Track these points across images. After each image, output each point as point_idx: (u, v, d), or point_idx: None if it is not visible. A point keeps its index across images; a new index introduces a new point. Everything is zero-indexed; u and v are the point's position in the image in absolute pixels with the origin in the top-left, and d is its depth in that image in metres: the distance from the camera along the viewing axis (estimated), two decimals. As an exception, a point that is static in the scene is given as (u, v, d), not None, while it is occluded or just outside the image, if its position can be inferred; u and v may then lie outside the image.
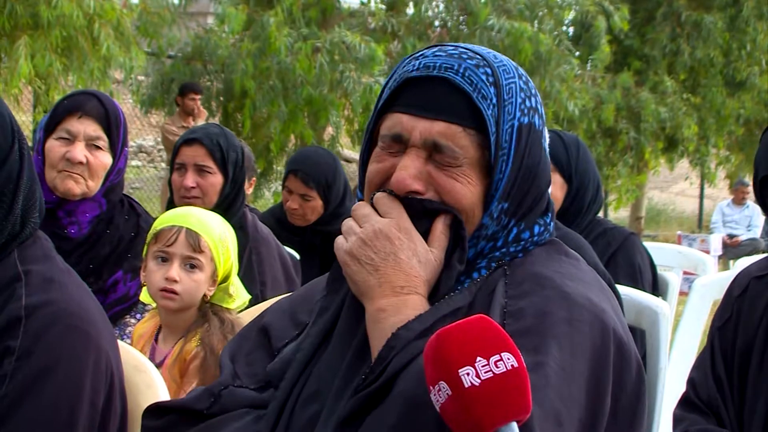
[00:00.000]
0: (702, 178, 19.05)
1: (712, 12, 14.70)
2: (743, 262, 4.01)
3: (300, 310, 1.90)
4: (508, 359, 1.37)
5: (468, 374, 1.35)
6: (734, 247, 13.58)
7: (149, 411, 1.83)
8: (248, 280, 3.33)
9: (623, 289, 2.97)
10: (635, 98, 14.23)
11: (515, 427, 1.36)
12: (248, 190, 4.06)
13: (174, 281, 2.80)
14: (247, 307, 2.98)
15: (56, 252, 2.06)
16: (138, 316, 3.20)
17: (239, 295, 2.96)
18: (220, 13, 11.06)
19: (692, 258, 4.82)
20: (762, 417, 2.48)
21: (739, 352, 2.58)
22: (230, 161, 3.68)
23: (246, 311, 2.94)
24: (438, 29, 12.52)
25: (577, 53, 13.60)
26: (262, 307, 2.68)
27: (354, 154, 14.69)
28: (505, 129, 1.69)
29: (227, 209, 3.59)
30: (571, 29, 14.31)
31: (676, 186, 24.41)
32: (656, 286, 3.92)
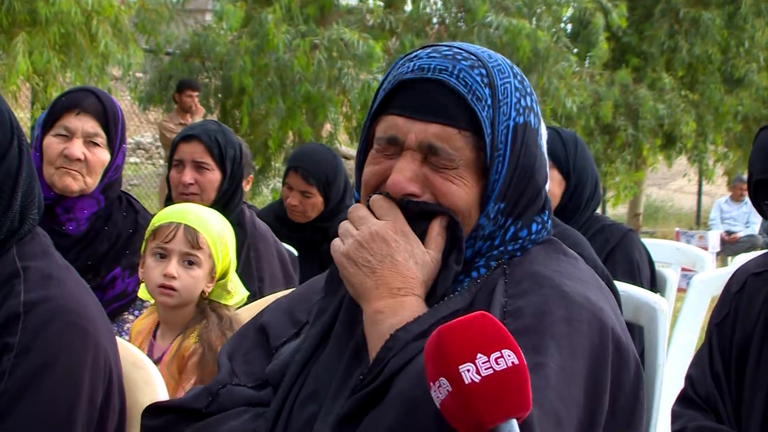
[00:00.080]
0: (700, 175, 19.05)
1: (711, 9, 14.68)
2: (741, 259, 4.02)
3: (298, 309, 1.90)
4: (509, 356, 1.37)
5: (468, 371, 1.35)
6: (732, 244, 13.57)
7: (148, 410, 1.83)
8: (246, 277, 3.33)
9: (621, 286, 2.97)
10: (633, 95, 14.21)
11: (515, 424, 1.36)
12: (245, 187, 4.05)
13: (172, 278, 2.80)
14: (245, 304, 2.98)
15: (55, 248, 2.06)
16: (136, 313, 3.20)
17: (237, 292, 2.96)
18: (219, 10, 11.05)
19: (690, 254, 4.82)
20: (760, 413, 2.48)
21: (737, 349, 2.58)
22: (228, 158, 3.68)
23: (244, 308, 2.94)
24: (436, 26, 12.51)
25: (575, 50, 13.58)
26: (261, 304, 2.68)
27: (352, 151, 14.68)
28: (501, 130, 1.69)
29: (225, 206, 3.59)
30: (569, 26, 14.28)
31: (674, 183, 24.42)
32: (654, 283, 3.92)
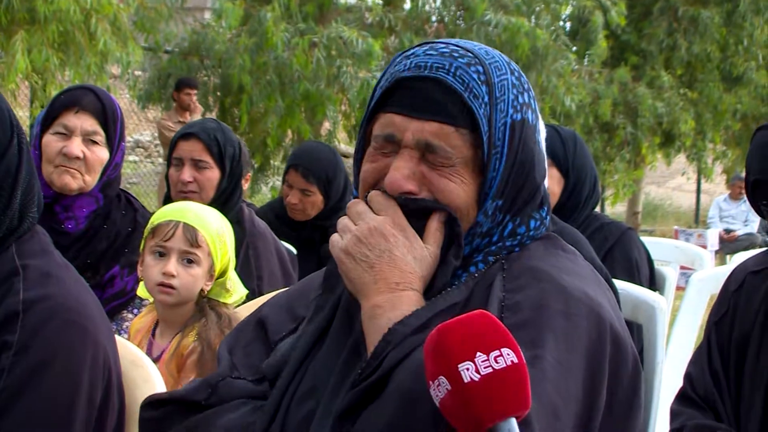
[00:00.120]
0: (699, 173, 19.05)
1: (709, 7, 14.68)
2: (740, 257, 4.01)
3: (297, 305, 1.90)
4: (508, 355, 1.37)
5: (468, 369, 1.35)
6: (731, 242, 13.57)
7: (147, 403, 1.83)
8: (245, 275, 3.33)
9: (620, 284, 2.97)
10: (632, 93, 14.21)
11: (514, 423, 1.36)
12: (244, 186, 4.05)
13: (171, 276, 2.80)
14: (244, 302, 2.98)
15: (54, 247, 2.06)
16: (135, 311, 3.20)
17: (236, 290, 2.96)
18: (217, 8, 11.04)
19: (689, 253, 4.81)
20: (759, 410, 2.48)
21: (736, 346, 2.58)
22: (227, 156, 3.68)
23: (243, 306, 2.94)
24: (435, 24, 12.50)
25: (574, 48, 13.58)
26: (259, 302, 2.68)
27: (351, 149, 14.68)
28: (498, 127, 1.69)
29: (224, 204, 3.59)
30: (568, 24, 14.28)
31: (673, 181, 24.42)
32: (653, 281, 3.92)
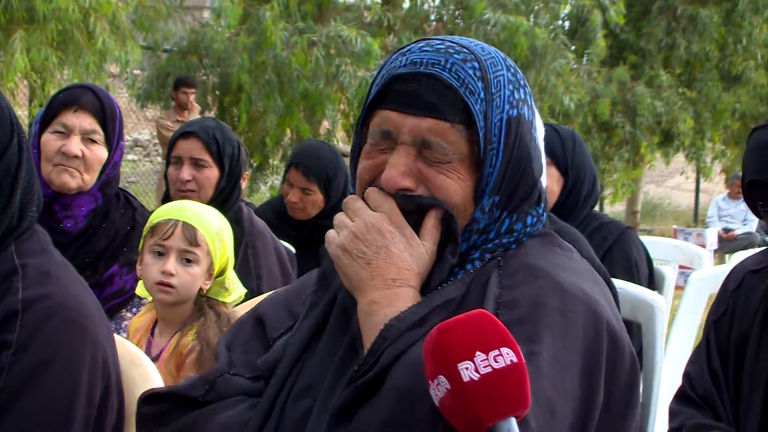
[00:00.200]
0: (698, 173, 19.01)
1: (708, 6, 14.68)
2: (739, 256, 4.00)
3: (295, 302, 1.90)
4: (507, 354, 1.37)
5: (467, 369, 1.35)
6: (730, 241, 13.57)
7: (144, 398, 1.83)
8: (244, 274, 3.33)
9: (619, 283, 2.97)
10: (631, 92, 14.21)
11: (513, 422, 1.36)
12: (242, 185, 4.05)
13: (170, 275, 2.80)
14: (243, 301, 2.98)
15: (53, 246, 2.06)
16: (134, 310, 3.20)
17: (235, 289, 2.96)
18: (216, 7, 11.02)
19: (688, 252, 4.81)
20: (758, 409, 2.48)
21: (735, 346, 2.58)
22: (226, 155, 3.68)
23: (242, 305, 2.94)
24: (434, 23, 12.50)
25: (573, 47, 13.57)
26: (258, 301, 2.68)
27: (349, 148, 14.68)
28: (494, 123, 1.69)
29: (223, 203, 3.58)
30: (567, 23, 14.29)
31: (672, 180, 24.43)
32: (652, 280, 3.92)
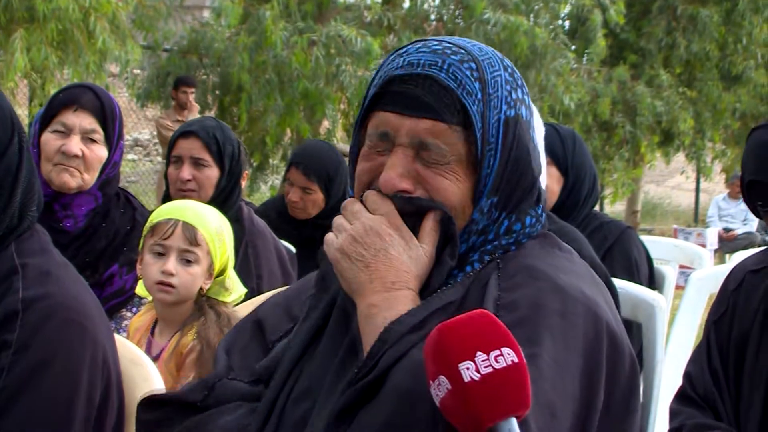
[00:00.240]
0: (698, 172, 19.02)
1: (708, 6, 14.68)
2: (739, 256, 4.00)
3: (294, 304, 1.90)
4: (508, 354, 1.36)
5: (468, 369, 1.35)
6: (730, 241, 13.57)
7: (143, 403, 1.83)
8: (244, 274, 3.33)
9: (620, 283, 2.97)
10: (631, 92, 14.20)
11: (514, 423, 1.36)
12: (241, 184, 4.04)
13: (170, 274, 2.79)
14: (243, 301, 2.98)
15: (53, 245, 2.06)
16: (134, 310, 3.20)
17: (235, 289, 2.96)
18: (216, 7, 11.02)
19: (688, 252, 4.81)
20: (758, 409, 2.48)
21: (735, 345, 2.58)
22: (226, 154, 3.67)
23: (242, 305, 2.94)
24: (434, 23, 12.50)
25: (573, 47, 13.57)
26: (258, 301, 2.67)
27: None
28: (492, 123, 1.68)
29: (223, 202, 3.58)
30: (567, 23, 14.29)
31: (672, 180, 24.42)
32: (653, 280, 3.92)
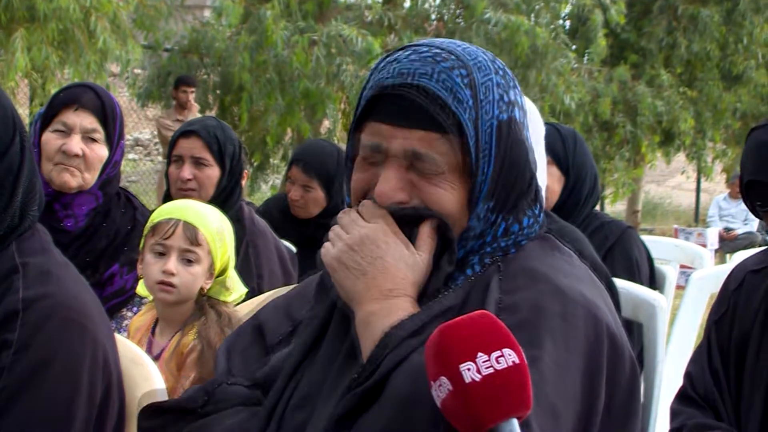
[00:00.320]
0: (698, 172, 19.03)
1: (709, 5, 14.68)
2: (740, 256, 4.00)
3: (295, 307, 1.90)
4: (510, 355, 1.36)
5: (469, 369, 1.35)
6: (731, 241, 13.56)
7: (144, 411, 1.83)
8: (245, 273, 3.32)
9: (620, 283, 2.97)
10: (632, 92, 14.20)
11: (515, 423, 1.36)
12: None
13: (171, 274, 2.79)
14: (244, 301, 2.98)
15: (54, 245, 2.06)
16: (134, 309, 3.20)
17: (236, 289, 2.96)
18: (217, 6, 11.02)
19: (689, 251, 4.81)
20: (759, 409, 2.48)
21: (736, 345, 2.58)
22: (227, 154, 3.68)
23: (243, 304, 2.94)
24: (434, 23, 12.50)
25: (574, 47, 13.57)
26: (259, 301, 2.67)
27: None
28: (485, 130, 1.67)
29: (224, 202, 3.58)
30: (568, 23, 14.29)
31: (673, 180, 24.41)
32: (653, 280, 3.92)
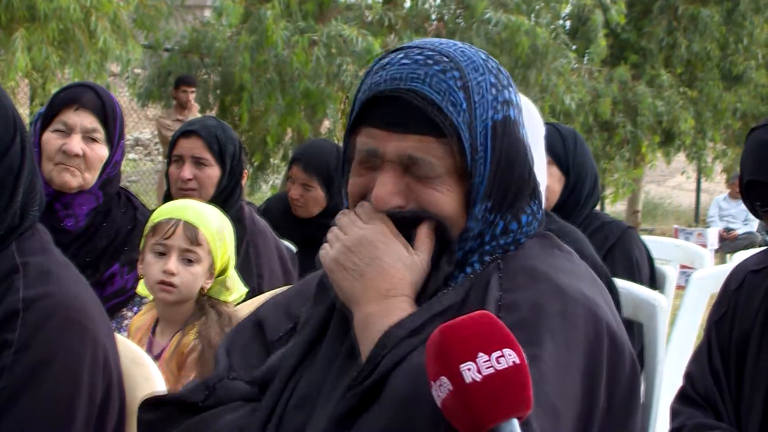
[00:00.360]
0: (699, 172, 19.04)
1: (709, 5, 14.68)
2: (740, 256, 4.00)
3: (295, 305, 1.90)
4: (510, 355, 1.36)
5: (469, 369, 1.34)
6: (731, 241, 13.57)
7: (144, 404, 1.83)
8: (245, 273, 3.32)
9: (621, 283, 2.97)
10: (632, 92, 14.20)
11: (516, 424, 1.35)
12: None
13: (172, 274, 2.79)
14: (244, 300, 2.98)
15: (54, 245, 2.05)
16: (135, 309, 3.20)
17: (236, 288, 2.96)
18: (218, 6, 11.02)
19: (689, 252, 4.81)
20: (760, 409, 2.48)
21: (736, 346, 2.58)
22: (228, 154, 3.68)
23: (243, 304, 2.94)
24: (435, 23, 12.50)
25: (574, 47, 13.56)
26: (259, 300, 2.67)
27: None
28: (479, 131, 1.66)
29: (224, 202, 3.58)
30: (568, 23, 14.28)
31: (673, 180, 24.41)
32: (654, 280, 3.91)
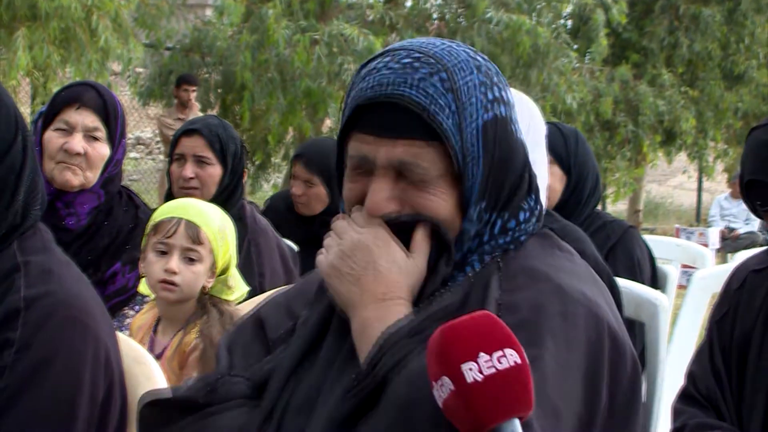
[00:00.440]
0: (700, 172, 19.03)
1: (711, 5, 14.69)
2: (741, 256, 4.00)
3: (296, 303, 1.90)
4: (511, 355, 1.36)
5: (470, 369, 1.34)
6: (732, 241, 13.56)
7: (145, 402, 1.83)
8: (247, 272, 3.32)
9: (622, 282, 2.96)
10: (633, 91, 14.20)
11: (517, 424, 1.35)
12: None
13: (173, 273, 2.79)
14: (246, 299, 2.98)
15: (56, 244, 2.05)
16: (136, 308, 3.20)
17: (238, 287, 2.96)
18: (219, 5, 11.03)
19: (691, 251, 4.80)
20: (761, 409, 2.47)
21: (738, 346, 2.57)
22: (229, 153, 3.68)
23: (244, 303, 2.94)
24: (436, 22, 12.50)
25: (575, 46, 13.57)
26: (261, 299, 2.67)
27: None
28: (470, 133, 1.65)
29: (226, 200, 3.58)
30: (570, 22, 14.28)
31: (674, 179, 24.40)
32: (655, 279, 3.91)
